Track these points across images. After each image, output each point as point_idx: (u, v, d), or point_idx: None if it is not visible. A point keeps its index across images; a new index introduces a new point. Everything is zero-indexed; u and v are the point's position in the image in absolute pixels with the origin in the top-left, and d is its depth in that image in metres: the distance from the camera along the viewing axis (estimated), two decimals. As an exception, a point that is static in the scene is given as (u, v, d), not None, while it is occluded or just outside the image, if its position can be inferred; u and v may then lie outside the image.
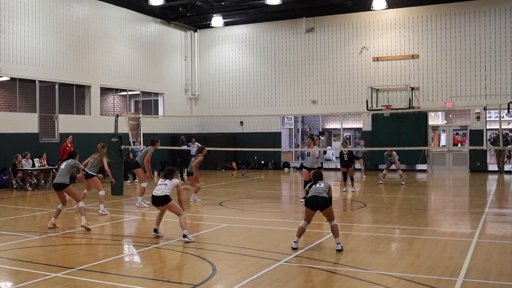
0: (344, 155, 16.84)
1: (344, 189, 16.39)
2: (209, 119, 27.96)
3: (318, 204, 8.16)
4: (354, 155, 18.66)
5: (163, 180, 9.26)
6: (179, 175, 20.95)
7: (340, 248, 8.08)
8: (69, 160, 10.83)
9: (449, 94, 24.18)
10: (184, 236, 8.89)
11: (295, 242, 8.25)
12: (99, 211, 12.07)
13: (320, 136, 15.55)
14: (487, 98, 22.95)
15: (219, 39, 28.94)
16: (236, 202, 14.22)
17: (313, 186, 8.38)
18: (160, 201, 9.04)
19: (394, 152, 18.37)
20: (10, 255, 8.07)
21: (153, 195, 9.15)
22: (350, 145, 27.75)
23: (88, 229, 10.04)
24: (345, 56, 26.14)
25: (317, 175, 8.65)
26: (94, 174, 12.33)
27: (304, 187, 13.62)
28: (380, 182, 18.70)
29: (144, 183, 13.54)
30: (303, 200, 13.54)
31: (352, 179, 17.09)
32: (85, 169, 12.20)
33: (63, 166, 10.71)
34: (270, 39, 27.78)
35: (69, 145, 17.64)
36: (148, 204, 12.77)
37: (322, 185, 8.36)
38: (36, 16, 20.39)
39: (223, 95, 28.76)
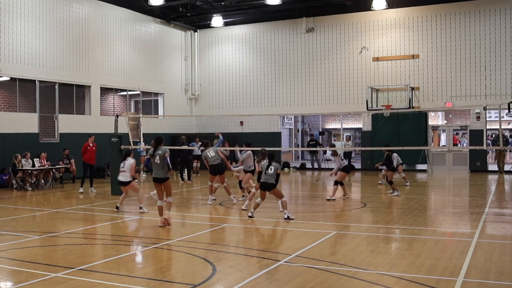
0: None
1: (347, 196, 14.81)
2: (209, 119, 27.96)
3: None
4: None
5: None
6: (179, 175, 21.03)
7: None
8: (162, 148, 10.62)
9: (449, 94, 24.17)
10: None
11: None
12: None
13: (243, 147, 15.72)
14: (487, 98, 22.93)
15: (219, 39, 28.93)
16: (236, 202, 14.20)
17: None
18: None
19: (395, 153, 17.11)
20: (10, 255, 8.07)
21: None
22: (349, 145, 27.77)
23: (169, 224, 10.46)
24: (345, 56, 26.14)
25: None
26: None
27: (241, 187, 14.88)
28: (380, 182, 18.68)
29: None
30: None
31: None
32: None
33: (158, 160, 10.49)
34: (270, 39, 27.77)
35: (91, 144, 16.98)
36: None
37: None
38: (36, 16, 20.39)
39: (223, 95, 28.76)
